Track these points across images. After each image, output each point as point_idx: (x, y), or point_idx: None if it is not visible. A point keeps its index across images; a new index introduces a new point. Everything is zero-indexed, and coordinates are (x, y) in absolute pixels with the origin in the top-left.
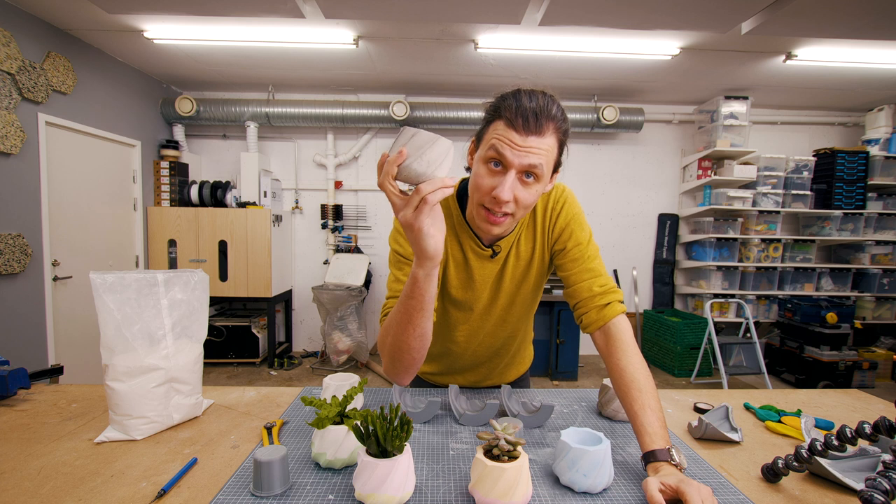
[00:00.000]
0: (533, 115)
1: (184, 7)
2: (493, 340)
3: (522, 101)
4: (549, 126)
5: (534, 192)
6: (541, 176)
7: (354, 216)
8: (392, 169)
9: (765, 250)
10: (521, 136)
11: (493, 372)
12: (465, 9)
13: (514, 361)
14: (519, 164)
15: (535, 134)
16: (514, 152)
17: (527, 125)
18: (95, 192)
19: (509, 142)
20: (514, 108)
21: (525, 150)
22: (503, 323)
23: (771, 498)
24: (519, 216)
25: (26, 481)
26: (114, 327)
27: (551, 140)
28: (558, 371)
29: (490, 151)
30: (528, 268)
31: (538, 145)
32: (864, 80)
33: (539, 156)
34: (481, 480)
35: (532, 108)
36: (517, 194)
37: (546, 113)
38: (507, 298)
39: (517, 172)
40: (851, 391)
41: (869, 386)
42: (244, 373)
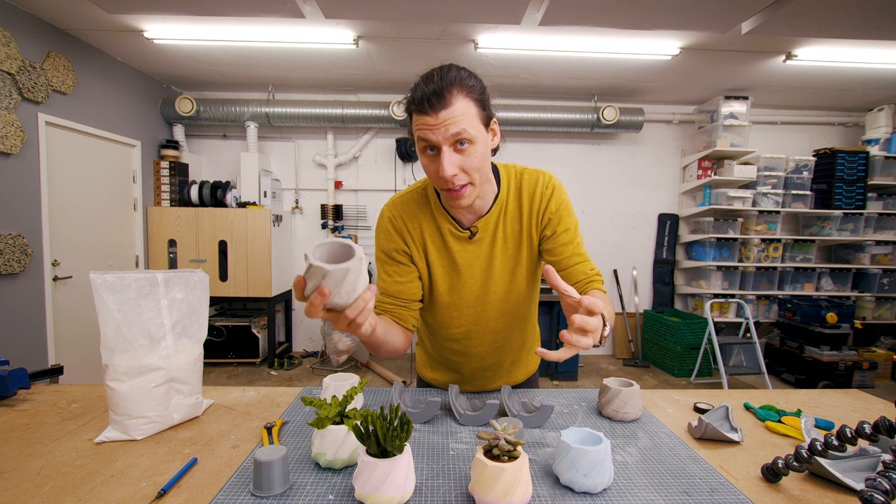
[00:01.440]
0: (434, 95)
1: (184, 7)
2: (494, 336)
3: (421, 88)
4: (452, 93)
5: (474, 154)
6: (472, 138)
7: (354, 216)
8: (317, 311)
9: (765, 250)
10: (433, 116)
11: (499, 372)
12: (465, 9)
13: (518, 360)
14: (444, 139)
15: (443, 108)
16: (434, 132)
17: (432, 104)
18: (95, 192)
19: (426, 126)
20: (418, 98)
21: (442, 126)
22: (502, 314)
23: (771, 498)
24: (479, 181)
25: (26, 481)
26: (114, 327)
27: (462, 103)
28: (558, 371)
29: (420, 142)
30: (518, 251)
31: (450, 115)
32: (864, 80)
33: (457, 123)
34: (481, 480)
35: (430, 90)
36: (461, 164)
37: (445, 84)
38: (503, 284)
39: (449, 146)
40: (851, 391)
41: (869, 386)
42: (244, 373)
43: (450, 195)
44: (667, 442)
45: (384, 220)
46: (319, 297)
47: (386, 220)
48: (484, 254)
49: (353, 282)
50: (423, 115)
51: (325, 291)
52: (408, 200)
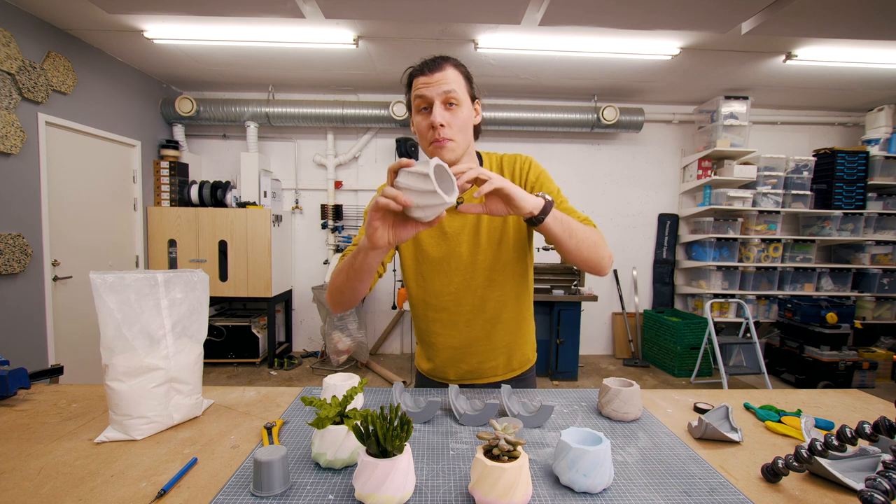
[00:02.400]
0: (431, 61)
1: (184, 7)
2: (483, 304)
3: (422, 60)
4: (447, 64)
5: (461, 115)
6: (459, 101)
7: (354, 216)
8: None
9: (765, 250)
10: (429, 76)
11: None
12: (465, 9)
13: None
14: (437, 94)
15: (438, 71)
16: (429, 89)
17: (429, 67)
18: (95, 192)
19: (423, 84)
20: (419, 65)
21: (437, 84)
22: (490, 283)
23: (771, 498)
24: (461, 142)
25: (26, 481)
26: (114, 327)
27: (453, 72)
28: (558, 371)
29: (417, 101)
30: (504, 222)
31: (444, 77)
32: (864, 80)
33: (449, 83)
34: (481, 480)
35: (429, 59)
36: (448, 120)
37: (442, 58)
38: (490, 252)
39: (441, 103)
40: (851, 391)
41: (869, 386)
42: (244, 373)
43: (435, 146)
44: (667, 442)
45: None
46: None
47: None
48: (470, 223)
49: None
50: (421, 75)
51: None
52: None
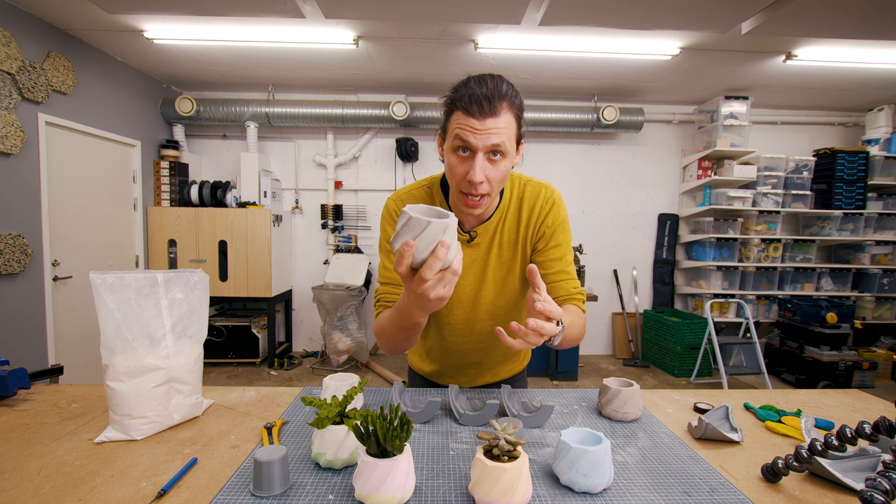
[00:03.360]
0: (486, 100)
1: (184, 7)
2: (481, 338)
3: (473, 89)
4: (502, 105)
5: (502, 168)
6: (506, 152)
7: (354, 216)
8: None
9: (765, 250)
10: (479, 121)
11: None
12: (465, 9)
13: (507, 357)
14: (483, 146)
15: (491, 116)
16: (476, 137)
17: (482, 110)
18: (95, 192)
19: (470, 128)
20: (468, 97)
21: (486, 133)
22: (491, 317)
23: (771, 498)
24: (495, 194)
25: (26, 481)
26: (114, 327)
27: (507, 117)
28: (558, 371)
29: (456, 141)
30: (513, 259)
31: (496, 125)
32: (864, 80)
33: (500, 134)
34: (481, 480)
35: (483, 93)
36: (488, 174)
37: (498, 94)
38: (494, 289)
39: (484, 154)
40: (851, 391)
41: (869, 386)
42: (244, 373)
43: (467, 200)
44: (667, 442)
45: (388, 210)
46: (405, 248)
47: (391, 210)
48: (480, 258)
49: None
50: (470, 116)
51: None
52: (413, 195)
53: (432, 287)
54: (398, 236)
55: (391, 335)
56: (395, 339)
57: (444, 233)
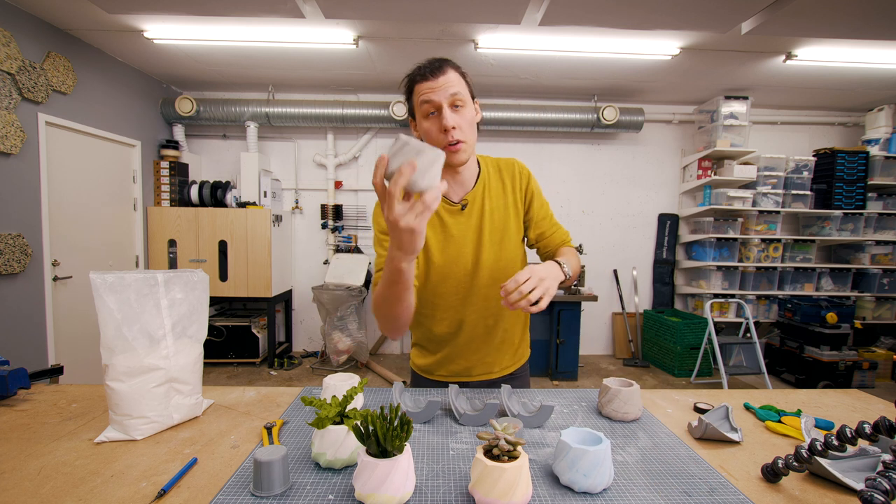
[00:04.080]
0: (433, 65)
1: (184, 7)
2: (486, 304)
3: (420, 65)
4: (447, 67)
5: (467, 115)
6: (464, 101)
7: (354, 216)
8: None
9: (765, 250)
10: (433, 80)
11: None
12: (465, 9)
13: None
14: (445, 97)
15: (441, 74)
16: (436, 93)
17: (432, 72)
18: (95, 192)
19: (429, 89)
20: (418, 70)
21: (442, 87)
22: (494, 282)
23: (771, 498)
24: (470, 141)
25: (26, 481)
26: (114, 327)
27: (455, 75)
28: (558, 371)
29: (424, 106)
30: (505, 222)
31: (448, 80)
32: (864, 80)
33: (454, 85)
34: (481, 480)
35: (429, 63)
36: (458, 121)
37: (440, 61)
38: (493, 251)
39: (448, 105)
40: (851, 391)
41: (869, 386)
42: (244, 373)
43: (449, 150)
44: (667, 442)
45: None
46: (409, 168)
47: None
48: (474, 224)
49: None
50: (425, 80)
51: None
52: None
53: (402, 214)
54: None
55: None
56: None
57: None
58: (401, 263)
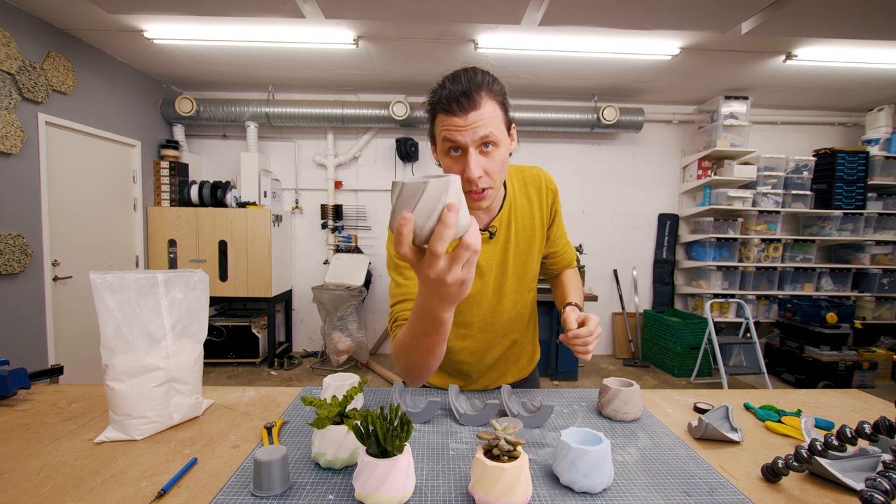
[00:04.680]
0: (463, 96)
1: (184, 7)
2: (509, 327)
3: (449, 89)
4: (480, 96)
5: (498, 158)
6: (497, 142)
7: (354, 216)
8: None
9: (765, 250)
10: (462, 118)
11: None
12: (465, 9)
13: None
14: (472, 141)
15: (473, 109)
16: (462, 134)
17: (461, 106)
18: (95, 192)
19: (455, 127)
20: (445, 97)
21: (471, 128)
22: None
23: (771, 498)
24: (498, 184)
25: (26, 481)
26: (114, 327)
27: (490, 106)
28: (558, 371)
29: (445, 143)
30: (530, 244)
31: (479, 118)
32: (864, 80)
33: (486, 126)
34: (481, 480)
35: (459, 90)
36: (485, 167)
37: (474, 86)
38: (516, 277)
39: (475, 148)
40: (851, 391)
41: (869, 386)
42: (244, 373)
43: (471, 197)
44: (667, 442)
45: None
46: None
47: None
48: (500, 251)
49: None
50: (451, 115)
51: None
52: None
53: (447, 268)
54: (393, 214)
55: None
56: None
57: (446, 192)
58: (442, 315)
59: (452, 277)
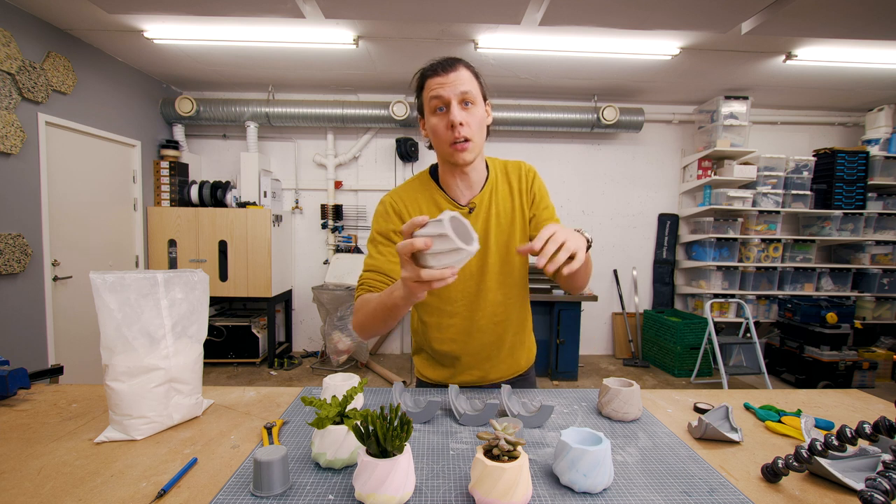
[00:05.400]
0: (444, 62)
1: (184, 7)
2: (494, 309)
3: (433, 61)
4: (459, 64)
5: (476, 114)
6: (475, 100)
7: (354, 216)
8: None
9: (765, 250)
10: (444, 76)
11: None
12: (465, 9)
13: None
14: (454, 94)
15: (452, 71)
16: (445, 88)
17: (444, 68)
18: (95, 192)
19: (439, 84)
20: (431, 65)
21: (453, 84)
22: (500, 286)
23: (771, 498)
24: (478, 142)
25: (26, 481)
26: (114, 327)
27: (467, 73)
28: (558, 371)
29: (433, 101)
30: (511, 225)
31: (459, 77)
32: (864, 80)
33: (465, 83)
34: (481, 480)
35: (442, 59)
36: (466, 119)
37: (453, 59)
38: (499, 256)
39: (457, 102)
40: (851, 391)
41: (869, 386)
42: (244, 373)
43: (455, 147)
44: (667, 442)
45: (384, 204)
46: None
47: (386, 204)
48: (480, 228)
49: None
50: (436, 76)
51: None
52: (406, 188)
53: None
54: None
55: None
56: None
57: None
58: (400, 302)
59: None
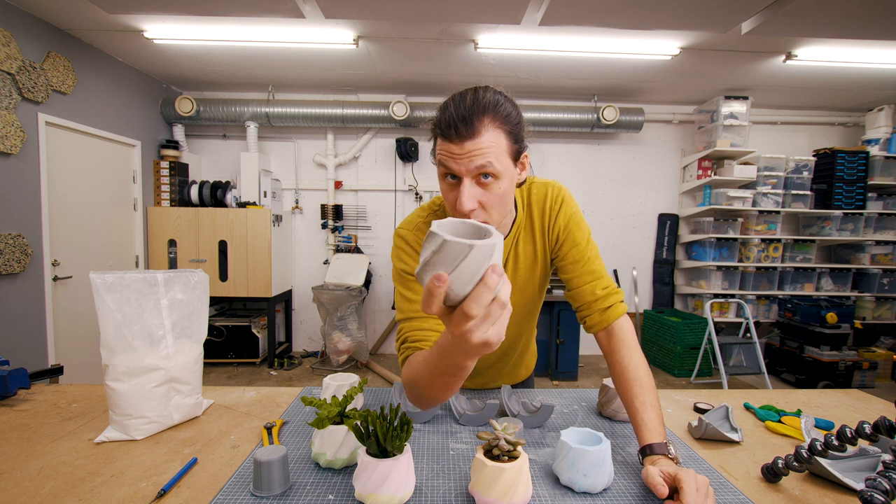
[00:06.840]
0: (462, 122)
1: (184, 7)
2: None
3: (450, 111)
4: (482, 123)
5: (496, 190)
6: (496, 173)
7: (354, 216)
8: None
9: (765, 250)
10: (458, 145)
11: (501, 373)
12: (465, 9)
13: (520, 362)
14: (467, 171)
15: (470, 138)
16: (457, 162)
17: (458, 132)
18: (95, 192)
19: (450, 154)
20: (445, 120)
21: (467, 157)
22: (516, 324)
23: (771, 498)
24: (498, 218)
25: (26, 481)
26: (114, 327)
27: (492, 134)
28: (558, 371)
29: (441, 168)
30: (532, 271)
31: (477, 146)
32: (864, 80)
33: (483, 156)
34: (481, 480)
35: (460, 114)
36: (481, 199)
37: (477, 110)
38: (520, 297)
39: (471, 178)
40: (851, 391)
41: (869, 386)
42: (244, 373)
43: None
44: None
45: (401, 241)
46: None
47: (402, 241)
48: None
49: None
50: (448, 141)
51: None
52: (421, 224)
53: (476, 326)
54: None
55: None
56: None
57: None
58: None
59: (479, 337)
